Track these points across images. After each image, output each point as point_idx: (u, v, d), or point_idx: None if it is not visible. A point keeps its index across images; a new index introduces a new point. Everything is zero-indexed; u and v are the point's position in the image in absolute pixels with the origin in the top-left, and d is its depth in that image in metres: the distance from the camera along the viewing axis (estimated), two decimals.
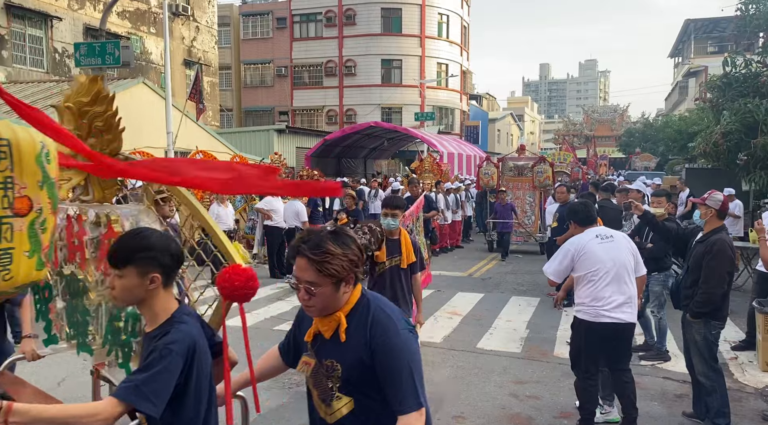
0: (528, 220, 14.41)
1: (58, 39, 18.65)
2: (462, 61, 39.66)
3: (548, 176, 14.03)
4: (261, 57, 37.99)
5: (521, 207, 14.37)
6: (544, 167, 14.17)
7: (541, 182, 14.02)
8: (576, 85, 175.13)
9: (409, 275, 4.91)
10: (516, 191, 14.56)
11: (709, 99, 11.96)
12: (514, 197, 14.28)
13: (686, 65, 40.90)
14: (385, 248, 4.71)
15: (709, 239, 4.49)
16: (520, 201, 14.42)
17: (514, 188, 14.49)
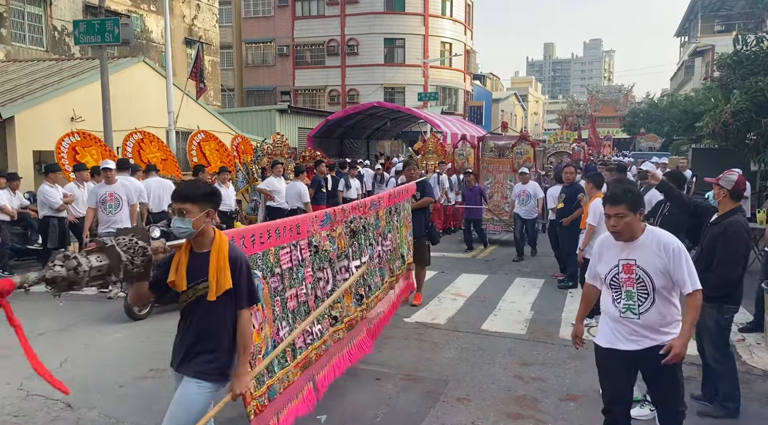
0: (508, 207, 12.77)
1: (57, 17, 18.41)
2: (466, 40, 39.21)
3: (528, 158, 12.70)
4: (262, 36, 37.58)
5: (501, 192, 12.91)
6: (524, 147, 12.82)
7: (521, 165, 12.48)
8: (580, 65, 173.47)
9: (229, 312, 3.02)
10: (496, 174, 13.08)
11: (718, 78, 11.74)
12: (494, 180, 12.99)
13: (693, 44, 40.36)
14: (185, 269, 2.98)
15: (724, 221, 4.37)
16: (500, 185, 12.91)
17: (494, 171, 13.09)
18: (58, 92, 12.90)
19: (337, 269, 4.69)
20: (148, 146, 13.11)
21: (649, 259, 3.24)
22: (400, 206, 6.48)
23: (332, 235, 4.64)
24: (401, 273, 6.43)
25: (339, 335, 4.67)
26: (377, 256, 5.63)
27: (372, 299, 5.38)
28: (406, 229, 6.65)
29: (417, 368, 5.45)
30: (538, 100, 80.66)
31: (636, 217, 3.23)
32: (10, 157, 11.91)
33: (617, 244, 3.35)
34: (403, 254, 6.47)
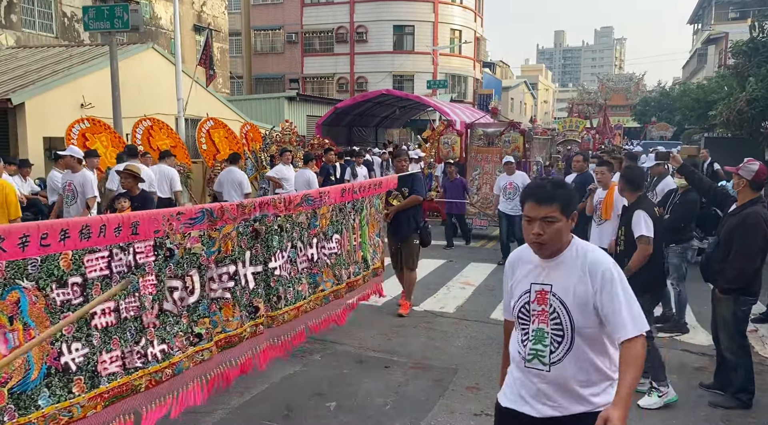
0: None
1: (66, 3, 18.39)
2: (476, 28, 38.88)
3: (517, 147, 11.67)
4: (271, 23, 37.41)
5: (490, 184, 11.67)
6: (513, 136, 11.75)
7: (509, 154, 11.42)
8: (591, 52, 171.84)
9: None
10: (485, 164, 11.93)
11: (733, 65, 11.57)
12: (482, 171, 11.91)
13: (706, 32, 39.83)
14: None
15: (743, 211, 4.30)
16: (489, 177, 11.79)
17: (482, 161, 11.98)
18: (67, 79, 12.91)
19: (213, 277, 3.77)
20: (157, 133, 13.11)
21: (569, 284, 2.25)
22: (364, 203, 5.53)
23: (211, 235, 3.74)
24: (359, 280, 5.51)
25: (203, 355, 3.70)
26: (306, 260, 4.67)
27: (285, 311, 4.39)
28: (372, 229, 5.73)
29: (426, 356, 5.45)
30: (548, 88, 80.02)
31: (568, 223, 2.26)
32: (20, 143, 11.95)
33: (533, 260, 2.38)
34: (365, 258, 5.57)
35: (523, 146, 11.86)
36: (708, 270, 4.65)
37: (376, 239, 5.90)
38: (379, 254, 6.02)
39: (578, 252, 2.29)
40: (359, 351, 5.57)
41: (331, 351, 5.54)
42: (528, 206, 2.28)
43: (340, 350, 5.58)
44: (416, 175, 6.88)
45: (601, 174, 6.93)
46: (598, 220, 6.84)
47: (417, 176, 6.84)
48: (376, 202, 5.88)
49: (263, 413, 4.35)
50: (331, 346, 5.66)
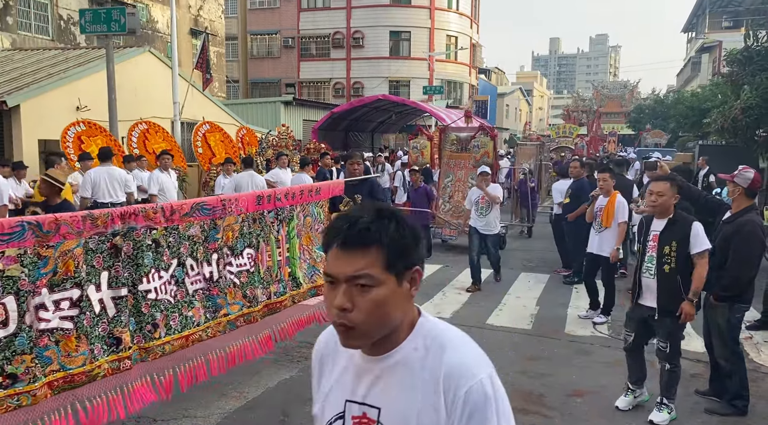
0: None
1: (63, 6, 18.34)
2: (472, 34, 39.02)
3: (487, 152, 10.95)
4: (268, 27, 37.43)
5: (462, 192, 11.16)
6: (482, 140, 11.01)
7: (478, 160, 10.88)
8: (586, 60, 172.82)
9: None
10: (457, 170, 11.41)
11: (727, 73, 11.65)
12: (455, 177, 11.41)
13: (700, 40, 40.12)
14: None
15: (738, 219, 4.31)
16: (462, 184, 11.26)
17: (455, 167, 11.45)
18: (63, 81, 12.87)
19: (44, 304, 3.06)
20: (153, 136, 13.10)
21: (409, 410, 1.28)
22: (294, 212, 4.68)
23: (41, 254, 3.04)
24: (285, 301, 4.57)
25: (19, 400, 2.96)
26: (201, 280, 3.85)
27: (166, 341, 3.58)
28: (308, 241, 4.88)
29: None
30: (543, 95, 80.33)
31: (400, 290, 1.28)
32: (15, 146, 11.89)
33: (348, 359, 1.40)
34: (294, 276, 4.70)
35: (493, 151, 11.16)
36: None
37: (317, 254, 4.93)
38: (318, 271, 4.92)
39: (428, 347, 1.32)
40: None
41: None
42: (330, 255, 1.29)
43: None
44: (374, 181, 6.24)
45: (603, 181, 6.93)
46: (598, 227, 6.84)
47: (375, 182, 6.15)
48: (315, 210, 4.99)
49: (259, 418, 4.34)
50: None
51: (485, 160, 10.81)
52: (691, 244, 4.10)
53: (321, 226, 5.05)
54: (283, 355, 5.50)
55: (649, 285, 4.29)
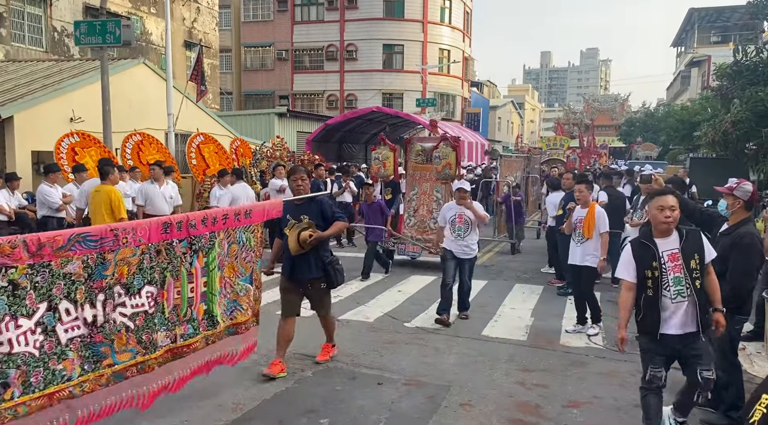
0: (434, 223, 10.24)
1: (57, 18, 18.37)
2: (464, 48, 39.34)
3: (449, 164, 10.29)
4: (261, 40, 37.59)
5: (426, 205, 10.73)
6: (444, 151, 10.38)
7: (439, 172, 10.38)
8: (577, 73, 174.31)
9: None
10: (422, 182, 10.89)
11: (717, 87, 11.82)
12: (420, 191, 10.90)
13: (689, 55, 40.64)
14: None
15: (737, 231, 4.34)
16: (426, 197, 10.78)
17: (420, 179, 10.95)
18: (57, 93, 12.86)
19: None
20: (147, 147, 13.10)
21: None
22: (215, 240, 4.04)
23: None
24: (196, 344, 3.96)
25: None
26: (81, 325, 3.25)
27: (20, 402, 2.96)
28: (232, 272, 4.24)
29: (419, 373, 5.43)
30: (535, 108, 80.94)
31: None
32: (8, 157, 11.85)
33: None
34: (211, 314, 4.10)
35: (455, 163, 10.37)
36: None
37: (242, 286, 4.35)
38: (247, 305, 4.40)
39: None
40: (351, 367, 5.54)
41: (323, 368, 5.51)
42: None
43: (332, 366, 5.55)
44: (323, 199, 5.44)
45: (580, 192, 6.99)
46: (578, 239, 6.87)
47: (325, 201, 5.41)
48: (243, 237, 4.31)
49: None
50: (323, 363, 5.63)
51: (447, 171, 10.25)
52: (705, 254, 3.91)
53: (251, 254, 4.39)
54: None
55: (681, 309, 3.83)
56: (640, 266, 3.90)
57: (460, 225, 7.06)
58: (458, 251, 7.09)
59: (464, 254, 7.12)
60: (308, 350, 5.96)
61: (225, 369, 5.28)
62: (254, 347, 4.56)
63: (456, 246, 7.10)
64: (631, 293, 3.96)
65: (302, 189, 5.31)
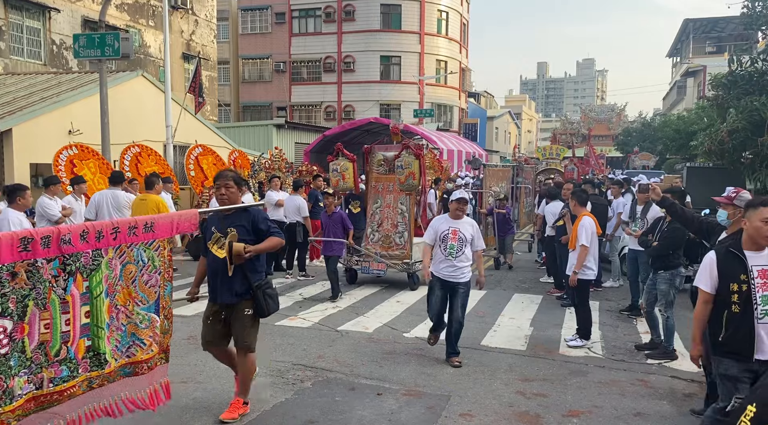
0: (399, 238, 9.81)
1: (56, 31, 18.47)
2: (461, 59, 39.58)
3: (412, 173, 9.33)
4: (259, 52, 37.79)
5: (391, 219, 9.91)
6: (407, 160, 9.39)
7: (402, 183, 9.49)
8: (573, 84, 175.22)
9: None
10: (385, 194, 10.06)
11: (713, 97, 11.91)
12: (383, 203, 10.05)
13: (685, 65, 40.92)
14: None
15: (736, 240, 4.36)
16: (391, 210, 9.95)
17: (383, 191, 10.10)
18: (56, 105, 12.90)
19: None
20: (145, 159, 13.12)
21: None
22: (100, 260, 3.25)
23: None
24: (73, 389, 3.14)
25: None
26: None
27: None
28: (127, 301, 3.45)
29: (418, 383, 5.42)
30: (532, 118, 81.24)
31: None
32: (7, 169, 11.86)
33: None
34: (96, 351, 3.27)
35: (419, 172, 9.37)
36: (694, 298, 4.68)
37: (142, 315, 3.54)
38: (150, 340, 3.58)
39: None
40: (350, 378, 5.53)
41: (322, 379, 5.49)
42: None
43: (332, 377, 5.54)
44: (256, 211, 4.54)
45: (573, 205, 7.08)
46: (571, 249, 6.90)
47: (258, 212, 4.52)
48: (144, 255, 3.51)
49: None
50: (323, 373, 5.61)
51: (410, 182, 9.41)
52: None
53: (155, 277, 3.57)
54: (278, 378, 5.46)
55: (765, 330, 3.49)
56: (726, 278, 3.55)
57: (453, 243, 5.87)
58: (448, 274, 5.89)
59: (455, 277, 5.88)
60: (308, 361, 5.95)
61: (222, 381, 5.29)
62: (167, 391, 3.72)
63: (446, 268, 5.89)
64: (709, 306, 3.64)
65: (225, 199, 4.47)
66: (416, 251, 9.55)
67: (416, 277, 9.48)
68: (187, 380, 5.37)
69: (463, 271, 5.92)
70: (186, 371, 5.62)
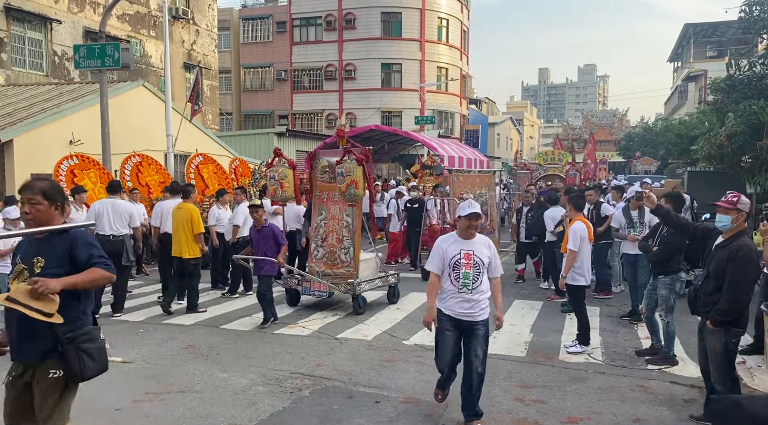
0: (345, 254, 8.51)
1: (57, 42, 18.58)
2: (462, 65, 39.66)
3: (354, 181, 8.17)
4: (261, 61, 37.96)
5: (337, 233, 8.66)
6: (348, 166, 8.22)
7: (343, 192, 8.35)
8: (575, 89, 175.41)
9: None
10: (330, 205, 8.83)
11: (712, 101, 11.90)
12: (328, 215, 8.81)
13: (686, 69, 40.93)
14: None
15: (733, 244, 4.32)
16: (336, 222, 8.70)
17: (328, 202, 8.89)
18: (57, 116, 12.97)
19: None
20: (146, 168, 13.15)
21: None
22: None
23: None
24: None
25: None
26: None
27: None
28: None
29: (416, 390, 5.40)
30: (534, 124, 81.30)
31: None
32: (8, 180, 11.92)
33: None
34: None
35: (363, 179, 8.23)
36: (696, 303, 4.66)
37: None
38: None
39: None
40: (349, 386, 5.51)
41: (320, 387, 5.47)
42: None
43: (330, 385, 5.52)
44: (80, 233, 3.31)
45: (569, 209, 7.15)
46: None
47: (82, 235, 3.29)
48: None
49: None
50: (321, 381, 5.60)
51: (352, 191, 8.21)
52: None
53: None
54: (276, 386, 5.45)
55: None
56: None
57: (467, 270, 4.54)
58: (463, 312, 4.55)
59: (472, 315, 4.55)
60: (306, 369, 5.94)
61: (220, 390, 5.28)
62: None
63: (460, 304, 4.55)
64: None
65: (32, 221, 3.25)
66: (363, 268, 8.68)
67: (362, 299, 8.38)
68: (184, 389, 5.36)
69: (482, 306, 4.60)
70: (183, 380, 5.61)
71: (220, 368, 5.98)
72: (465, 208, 4.63)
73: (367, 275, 8.68)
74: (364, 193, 8.45)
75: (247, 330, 7.56)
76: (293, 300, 8.91)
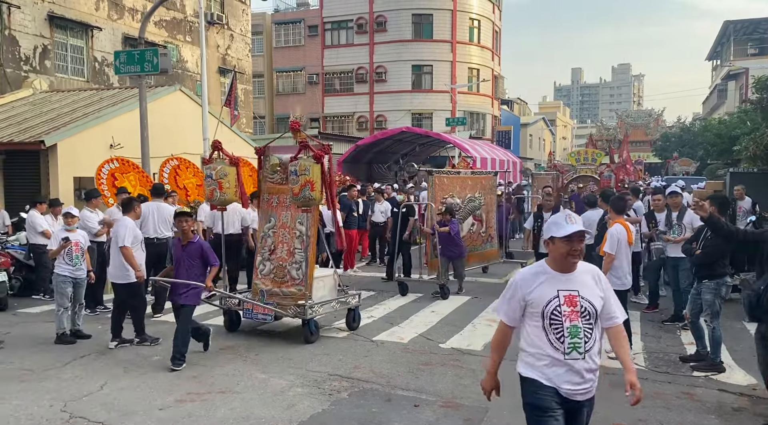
0: (296, 270, 7.12)
1: (98, 48, 19.07)
2: (493, 66, 39.37)
3: (310, 182, 6.70)
4: (293, 65, 38.34)
5: (288, 244, 7.27)
6: (303, 164, 6.77)
7: (296, 195, 6.80)
8: (609, 89, 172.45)
9: None
10: (280, 211, 7.45)
11: (757, 100, 11.54)
12: (277, 223, 7.42)
13: (726, 68, 39.87)
14: None
15: None
16: (288, 232, 7.32)
17: (277, 207, 7.50)
18: (98, 121, 13.29)
19: None
20: (183, 172, 13.37)
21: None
22: None
23: None
24: None
25: None
26: None
27: None
28: None
29: (455, 395, 5.36)
30: (567, 124, 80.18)
31: None
32: (51, 183, 12.25)
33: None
34: None
35: (321, 181, 6.85)
36: (758, 310, 4.45)
37: None
38: None
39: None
40: (387, 389, 5.50)
41: (358, 389, 5.47)
42: None
43: (368, 388, 5.52)
44: None
45: None
46: None
47: None
48: None
49: None
50: (358, 384, 5.60)
51: (306, 194, 6.72)
52: None
53: None
54: (314, 388, 5.47)
55: None
56: None
57: (575, 323, 2.97)
58: (574, 386, 2.99)
59: (584, 391, 3.01)
60: (344, 371, 5.95)
61: (259, 391, 5.32)
62: None
63: (569, 378, 2.99)
64: None
65: None
66: (318, 288, 7.26)
67: (313, 324, 7.07)
68: (225, 390, 5.43)
69: (594, 376, 3.06)
70: (224, 381, 5.67)
71: (260, 369, 6.04)
72: (561, 224, 2.99)
73: (322, 295, 7.31)
74: (321, 196, 6.95)
75: (283, 330, 7.61)
76: (232, 325, 7.50)
